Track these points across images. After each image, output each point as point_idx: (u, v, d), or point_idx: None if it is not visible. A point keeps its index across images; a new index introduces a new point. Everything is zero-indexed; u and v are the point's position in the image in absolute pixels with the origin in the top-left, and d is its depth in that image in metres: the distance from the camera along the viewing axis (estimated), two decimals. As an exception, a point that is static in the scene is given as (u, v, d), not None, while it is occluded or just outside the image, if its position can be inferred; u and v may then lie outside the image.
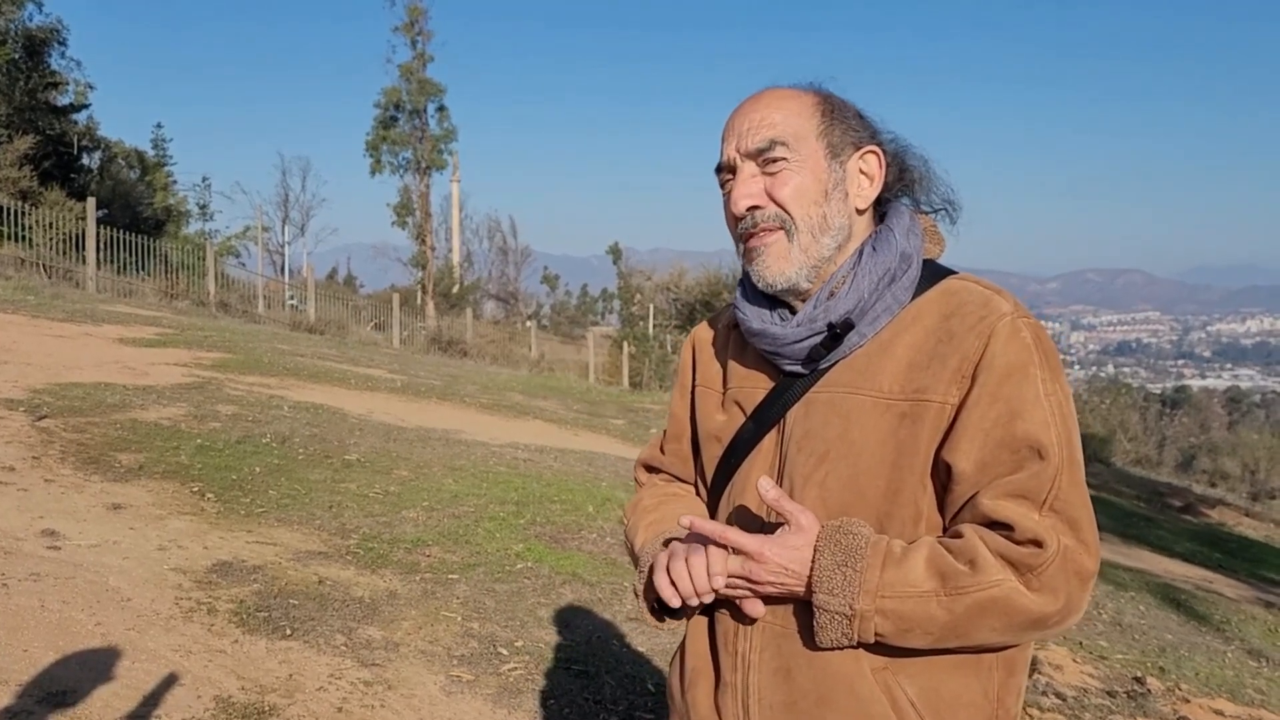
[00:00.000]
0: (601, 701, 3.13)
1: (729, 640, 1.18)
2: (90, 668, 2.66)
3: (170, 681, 2.69)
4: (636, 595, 1.26)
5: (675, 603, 1.14)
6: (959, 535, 1.06)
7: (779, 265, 1.14)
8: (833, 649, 1.08)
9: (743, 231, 1.16)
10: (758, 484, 1.09)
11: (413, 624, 3.47)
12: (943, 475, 1.09)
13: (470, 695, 3.02)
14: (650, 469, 1.44)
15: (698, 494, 1.35)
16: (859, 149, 1.16)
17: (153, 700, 2.58)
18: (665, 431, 1.41)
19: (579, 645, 3.55)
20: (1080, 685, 3.93)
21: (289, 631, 3.19)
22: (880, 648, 1.08)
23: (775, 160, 1.13)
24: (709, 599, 1.13)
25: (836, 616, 1.05)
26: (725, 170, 1.18)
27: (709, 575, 1.10)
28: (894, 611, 1.03)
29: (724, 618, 1.19)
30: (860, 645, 1.07)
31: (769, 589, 1.10)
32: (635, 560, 1.27)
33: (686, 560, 1.12)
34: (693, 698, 1.23)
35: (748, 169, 1.15)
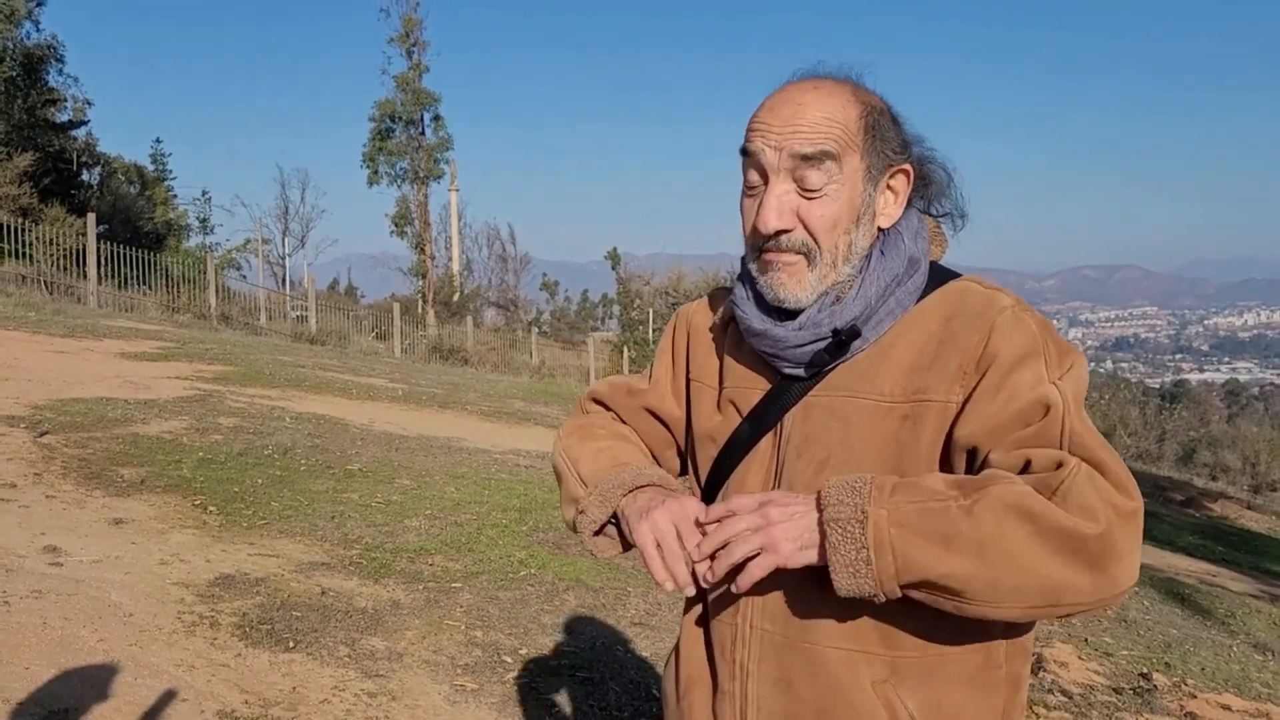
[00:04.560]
0: (607, 708, 3.12)
1: (727, 648, 1.16)
2: (92, 684, 2.66)
3: (172, 696, 2.68)
4: (573, 527, 1.20)
5: (666, 582, 1.06)
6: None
7: (793, 289, 1.10)
8: (851, 597, 0.98)
9: (760, 244, 1.11)
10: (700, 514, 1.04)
11: (416, 633, 3.46)
12: (950, 465, 1.06)
13: (475, 704, 3.02)
14: (599, 403, 1.37)
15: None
16: (892, 167, 1.11)
17: (154, 716, 2.57)
18: (629, 383, 1.35)
19: (583, 652, 3.55)
20: (1086, 683, 3.92)
21: (292, 644, 3.19)
22: (883, 662, 1.06)
23: (817, 181, 1.07)
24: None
25: (849, 527, 0.95)
26: (755, 169, 1.10)
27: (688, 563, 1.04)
28: (912, 523, 0.94)
29: (721, 625, 1.17)
30: (880, 592, 0.96)
31: (780, 536, 0.98)
32: (571, 481, 1.21)
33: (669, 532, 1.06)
34: (688, 704, 1.21)
35: (782, 184, 1.08)
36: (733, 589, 1.03)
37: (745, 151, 1.11)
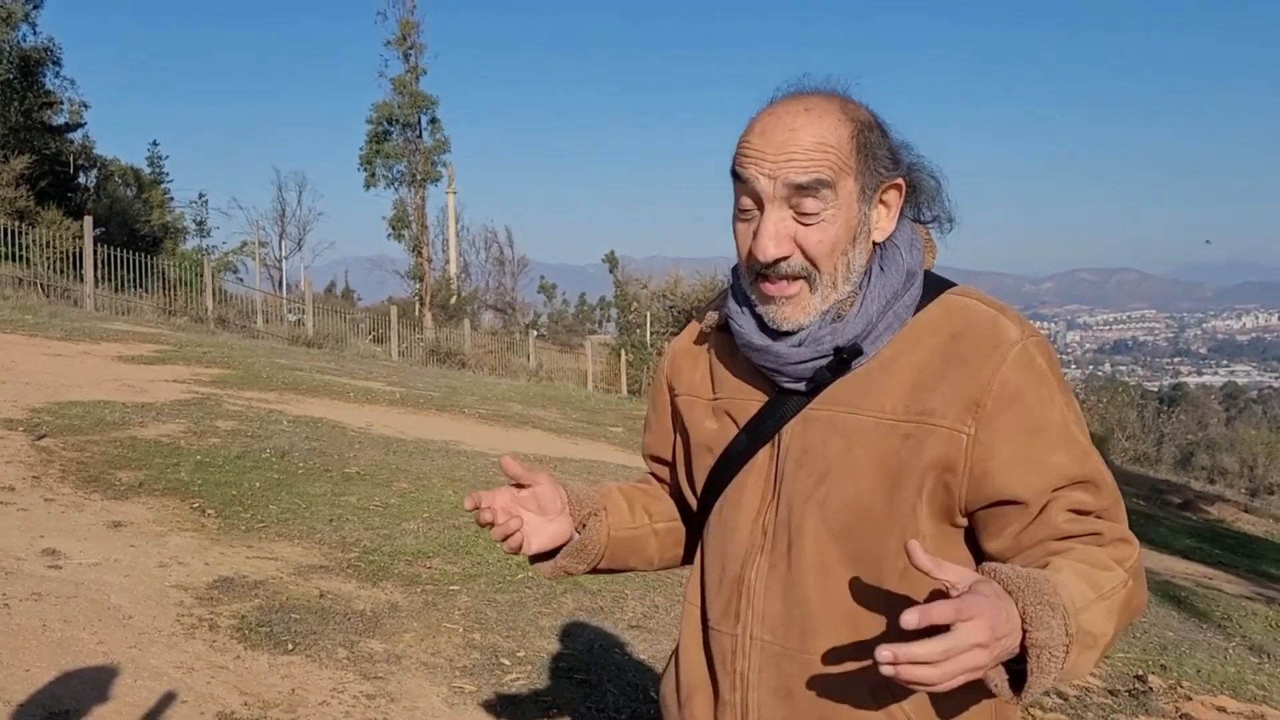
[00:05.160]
0: (604, 710, 3.13)
1: (727, 658, 1.17)
2: (92, 686, 2.67)
3: (172, 698, 2.69)
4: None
5: (490, 519, 1.17)
6: (1060, 549, 1.04)
7: (796, 316, 1.11)
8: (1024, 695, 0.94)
9: (758, 269, 1.11)
10: (907, 546, 0.92)
11: (414, 636, 3.47)
12: (985, 501, 1.08)
13: (473, 706, 3.03)
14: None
15: (686, 507, 1.33)
16: (884, 183, 1.12)
17: (155, 717, 2.58)
18: (643, 444, 1.43)
19: (581, 654, 3.55)
20: (1082, 684, 3.94)
21: (291, 646, 3.20)
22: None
23: (813, 207, 1.07)
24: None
25: (1055, 654, 0.92)
26: (748, 195, 1.10)
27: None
28: (1083, 642, 0.96)
29: (720, 635, 1.18)
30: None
31: (991, 661, 0.90)
32: None
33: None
34: (690, 711, 1.23)
35: (778, 211, 1.07)
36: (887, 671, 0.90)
37: (737, 175, 1.10)
